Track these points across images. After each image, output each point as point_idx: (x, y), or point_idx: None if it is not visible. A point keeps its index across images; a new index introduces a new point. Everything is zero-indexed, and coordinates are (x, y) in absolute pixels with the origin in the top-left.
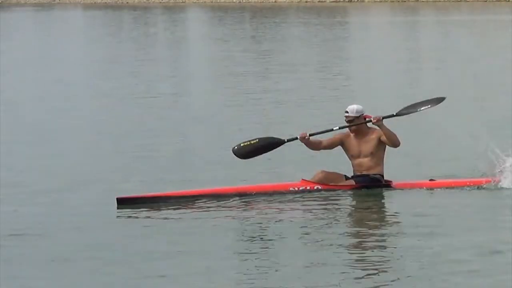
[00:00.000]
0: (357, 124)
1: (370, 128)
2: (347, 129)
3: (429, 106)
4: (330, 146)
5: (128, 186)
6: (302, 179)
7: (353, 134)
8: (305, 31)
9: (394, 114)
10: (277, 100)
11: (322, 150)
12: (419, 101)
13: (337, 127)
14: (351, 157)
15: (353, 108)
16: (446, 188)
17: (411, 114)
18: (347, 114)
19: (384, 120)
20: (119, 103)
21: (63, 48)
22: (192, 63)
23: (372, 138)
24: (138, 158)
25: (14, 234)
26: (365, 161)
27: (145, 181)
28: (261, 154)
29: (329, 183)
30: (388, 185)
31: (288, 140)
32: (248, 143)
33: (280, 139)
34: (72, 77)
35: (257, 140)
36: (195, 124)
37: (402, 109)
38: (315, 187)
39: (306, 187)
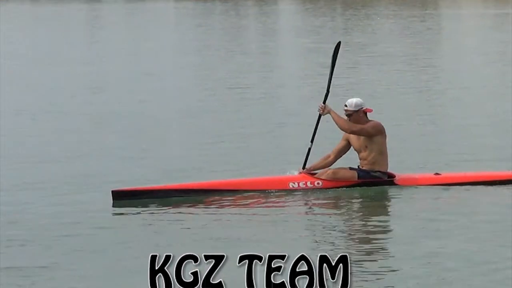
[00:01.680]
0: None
1: (369, 121)
2: None
3: (336, 57)
4: (341, 152)
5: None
6: (303, 173)
7: None
8: (396, 23)
9: (327, 91)
10: (367, 92)
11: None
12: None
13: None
14: (356, 151)
15: (352, 102)
16: (452, 182)
17: (333, 72)
18: (346, 108)
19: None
20: (209, 94)
21: (154, 40)
22: (282, 55)
23: None
24: (231, 147)
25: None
26: (365, 155)
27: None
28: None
29: (335, 180)
30: (391, 180)
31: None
32: None
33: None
34: (162, 68)
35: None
36: (285, 116)
37: (328, 82)
38: (316, 182)
39: (306, 183)
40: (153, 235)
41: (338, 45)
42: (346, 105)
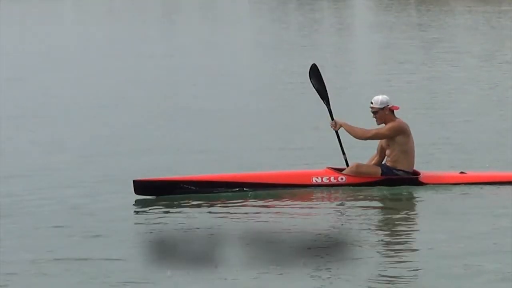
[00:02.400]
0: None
1: (394, 119)
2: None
3: (319, 76)
4: (382, 149)
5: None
6: (327, 167)
7: (379, 125)
8: (471, 19)
9: (328, 109)
10: (442, 89)
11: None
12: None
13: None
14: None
15: (377, 99)
16: (477, 182)
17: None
18: (371, 105)
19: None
20: (280, 89)
21: (229, 35)
22: (356, 50)
23: None
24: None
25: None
26: (388, 152)
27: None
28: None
29: (359, 175)
30: (415, 178)
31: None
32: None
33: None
34: (235, 63)
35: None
36: (355, 111)
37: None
38: (340, 178)
39: (330, 178)
40: (174, 228)
41: (314, 67)
42: (372, 102)
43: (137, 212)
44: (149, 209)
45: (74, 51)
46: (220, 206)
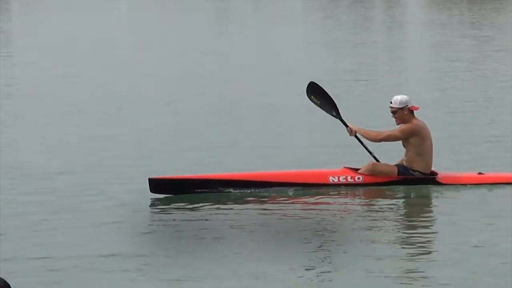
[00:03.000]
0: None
1: (413, 120)
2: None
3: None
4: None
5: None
6: (344, 167)
7: (398, 125)
8: None
9: (340, 119)
10: (494, 87)
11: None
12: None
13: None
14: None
15: (396, 99)
16: (496, 183)
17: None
18: (390, 105)
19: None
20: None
21: (281, 32)
22: (408, 48)
23: None
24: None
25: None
26: (405, 152)
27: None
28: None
29: (376, 175)
30: (433, 178)
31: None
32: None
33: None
34: (288, 61)
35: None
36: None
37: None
38: (356, 177)
39: (347, 177)
40: (189, 227)
41: (313, 85)
42: (391, 102)
43: (189, 209)
44: (199, 206)
45: (127, 48)
46: (237, 204)
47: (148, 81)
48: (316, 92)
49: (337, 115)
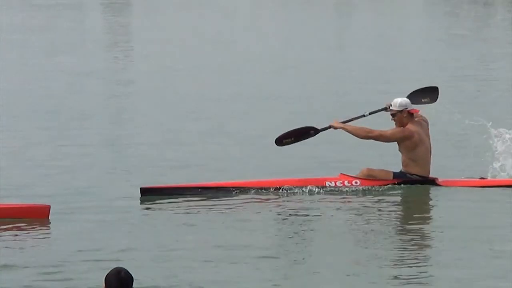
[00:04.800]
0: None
1: (412, 122)
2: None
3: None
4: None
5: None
6: (341, 173)
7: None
8: None
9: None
10: None
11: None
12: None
13: (367, 113)
14: None
15: (396, 102)
16: (498, 187)
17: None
18: (390, 108)
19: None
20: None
21: (401, 27)
22: None
23: None
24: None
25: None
26: (401, 156)
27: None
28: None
29: (373, 179)
30: (432, 180)
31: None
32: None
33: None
34: (407, 57)
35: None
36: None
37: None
38: (354, 182)
39: (343, 182)
40: (179, 233)
41: (279, 139)
42: (390, 104)
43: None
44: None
45: (244, 41)
46: (233, 209)
47: (273, 77)
48: (283, 139)
49: (316, 132)
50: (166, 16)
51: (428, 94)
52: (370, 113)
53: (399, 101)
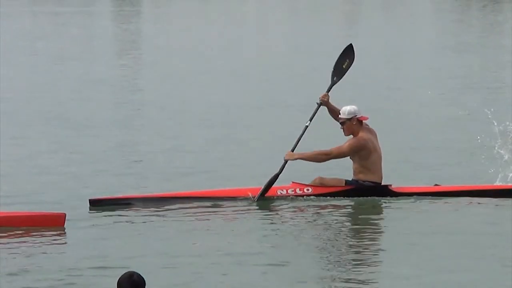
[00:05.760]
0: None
1: (360, 131)
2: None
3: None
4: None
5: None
6: (292, 182)
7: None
8: None
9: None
10: None
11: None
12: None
13: (308, 121)
14: None
15: (345, 110)
16: (452, 194)
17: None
18: (339, 116)
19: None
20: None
21: (411, 36)
22: None
23: None
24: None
25: None
26: (352, 164)
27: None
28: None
29: (325, 186)
30: (385, 187)
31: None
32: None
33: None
34: (414, 66)
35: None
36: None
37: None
38: (305, 189)
39: (295, 189)
40: (126, 244)
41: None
42: (339, 113)
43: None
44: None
45: (256, 49)
46: (193, 221)
47: (281, 84)
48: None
49: (278, 175)
50: (175, 24)
51: (344, 57)
52: (310, 119)
53: (348, 108)
